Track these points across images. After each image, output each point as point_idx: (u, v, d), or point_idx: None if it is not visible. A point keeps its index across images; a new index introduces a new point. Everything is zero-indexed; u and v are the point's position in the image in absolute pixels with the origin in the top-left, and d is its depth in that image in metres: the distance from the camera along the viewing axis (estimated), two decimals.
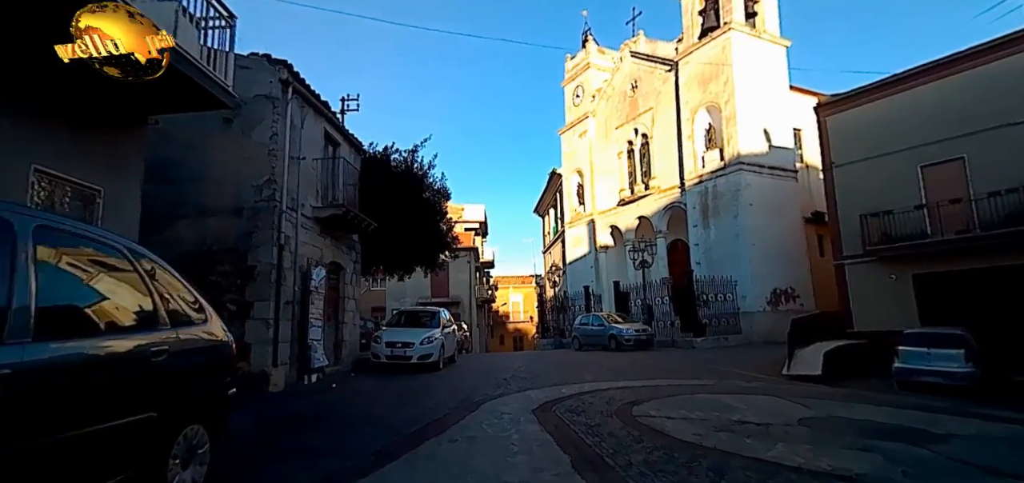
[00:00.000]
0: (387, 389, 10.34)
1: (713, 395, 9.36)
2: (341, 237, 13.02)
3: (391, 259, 17.42)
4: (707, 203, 23.06)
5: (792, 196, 22.84)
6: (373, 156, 15.77)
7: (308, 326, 10.75)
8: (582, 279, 29.29)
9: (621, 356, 17.18)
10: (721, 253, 22.14)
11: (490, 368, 14.09)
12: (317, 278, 11.11)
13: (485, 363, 16.37)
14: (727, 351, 18.53)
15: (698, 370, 13.31)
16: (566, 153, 33.48)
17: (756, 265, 21.18)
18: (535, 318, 51.53)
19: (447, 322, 15.05)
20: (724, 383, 11.15)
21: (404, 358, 12.56)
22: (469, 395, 9.15)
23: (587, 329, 21.66)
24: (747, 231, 21.42)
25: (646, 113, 27.28)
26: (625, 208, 28.30)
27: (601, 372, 12.61)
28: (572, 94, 33.57)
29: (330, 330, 12.76)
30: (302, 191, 10.96)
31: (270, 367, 9.49)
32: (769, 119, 22.76)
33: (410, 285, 35.66)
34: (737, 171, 21.76)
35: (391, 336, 12.92)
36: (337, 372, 12.31)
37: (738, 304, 20.87)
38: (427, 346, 12.77)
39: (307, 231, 11.25)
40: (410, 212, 16.05)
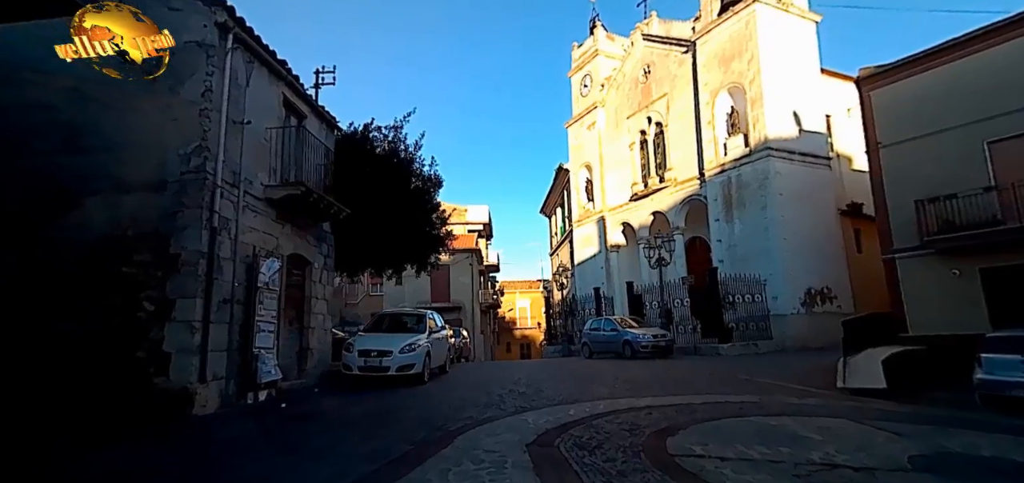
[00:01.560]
0: (348, 410, 8.23)
1: (767, 418, 7.16)
2: (306, 226, 10.96)
3: (376, 257, 15.35)
4: (730, 194, 20.81)
5: (826, 185, 20.55)
6: (351, 135, 13.73)
7: (254, 331, 8.67)
8: (592, 281, 27.11)
9: (638, 365, 14.95)
10: (747, 249, 19.87)
11: (485, 380, 11.97)
12: (268, 272, 9.04)
13: (482, 374, 14.23)
14: (759, 359, 16.24)
15: (732, 382, 11.10)
16: (573, 147, 31.36)
17: (788, 262, 18.89)
18: (543, 324, 49.18)
19: (437, 326, 12.95)
20: (772, 400, 8.92)
21: (380, 370, 10.45)
22: (448, 420, 7.03)
23: (598, 335, 19.46)
24: (777, 224, 19.15)
25: (660, 100, 25.12)
26: (638, 203, 26.11)
27: (617, 386, 10.45)
28: (579, 84, 31.49)
29: (293, 336, 10.69)
30: (248, 164, 8.91)
31: (195, 383, 7.41)
32: (799, 101, 20.52)
33: (408, 289, 33.66)
34: (765, 158, 19.52)
35: (365, 343, 10.82)
36: (299, 387, 10.22)
37: (768, 306, 18.58)
38: (408, 355, 10.66)
39: (256, 214, 9.20)
40: (396, 202, 14.00)
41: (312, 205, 10.08)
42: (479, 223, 42.90)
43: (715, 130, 21.66)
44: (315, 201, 10.00)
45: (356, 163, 13.21)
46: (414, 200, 15.05)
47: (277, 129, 9.87)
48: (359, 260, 15.04)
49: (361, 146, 13.51)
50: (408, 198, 14.67)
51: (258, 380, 8.59)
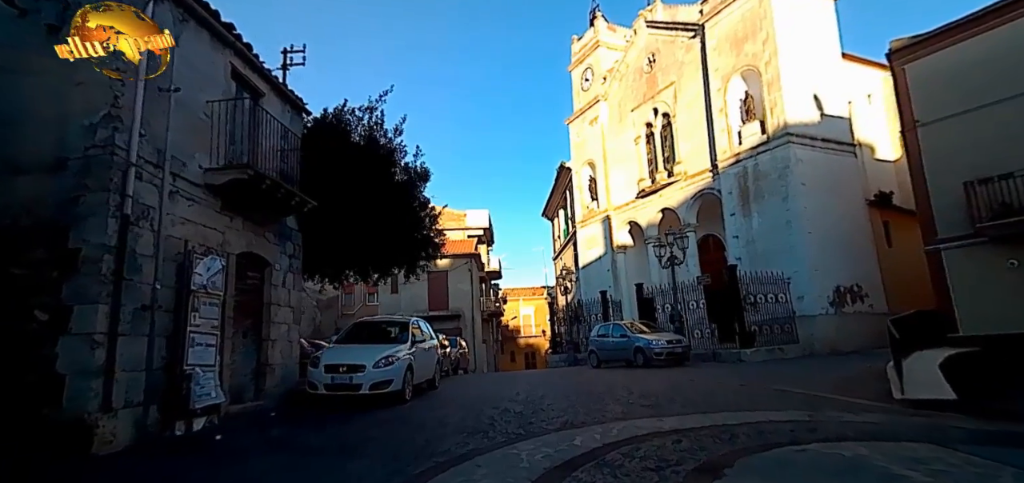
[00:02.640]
0: (297, 442, 6.59)
1: (834, 446, 5.49)
2: (265, 221, 9.37)
3: (358, 259, 13.74)
4: (747, 186, 19.15)
5: (852, 174, 18.88)
6: (323, 121, 12.17)
7: (186, 345, 7.06)
8: (598, 284, 25.43)
9: (652, 375, 13.25)
10: (768, 245, 18.18)
11: (479, 397, 10.31)
12: (207, 273, 7.44)
13: (476, 389, 12.57)
14: (787, 366, 14.51)
15: (767, 395, 9.41)
16: (575, 144, 29.78)
17: (814, 258, 17.19)
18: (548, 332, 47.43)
19: (423, 335, 11.31)
20: (825, 418, 7.23)
21: (350, 388, 8.81)
22: (419, 455, 5.40)
23: (607, 341, 17.78)
24: (800, 216, 17.46)
25: (667, 89, 23.53)
26: (645, 200, 24.46)
27: (632, 401, 8.78)
28: (580, 79, 29.96)
29: (247, 350, 9.06)
30: (181, 142, 7.33)
31: (96, 413, 5.79)
32: (819, 83, 18.89)
33: (405, 297, 32.11)
34: (784, 144, 17.87)
35: (333, 357, 9.19)
36: (253, 411, 8.60)
37: (793, 306, 16.86)
38: (384, 370, 9.01)
39: (193, 203, 7.61)
40: (377, 197, 12.44)
41: (267, 195, 8.48)
42: (479, 228, 41.32)
43: (728, 118, 20.04)
44: (270, 189, 8.40)
45: (330, 152, 11.67)
46: (398, 195, 13.48)
47: (223, 102, 8.28)
48: (338, 263, 13.42)
49: (335, 134, 11.96)
50: (391, 192, 13.10)
51: (191, 405, 6.96)
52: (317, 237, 11.98)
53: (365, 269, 14.72)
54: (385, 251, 13.83)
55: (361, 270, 14.77)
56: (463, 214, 41.58)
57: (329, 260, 13.29)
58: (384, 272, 15.14)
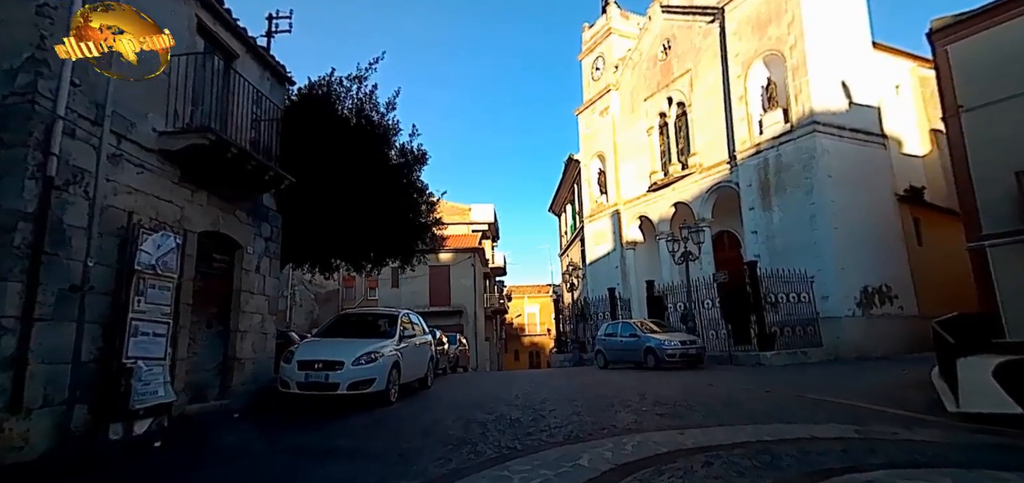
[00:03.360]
0: (250, 452, 5.57)
1: (909, 477, 4.40)
2: (236, 197, 8.36)
3: (349, 246, 12.72)
4: (768, 179, 17.94)
5: (882, 166, 17.63)
6: (310, 94, 11.13)
7: (128, 334, 6.05)
8: (605, 281, 24.29)
9: (665, 378, 12.12)
10: (790, 241, 16.98)
11: (474, 399, 9.27)
12: (157, 251, 6.42)
13: (473, 389, 11.52)
14: (812, 371, 13.35)
15: (799, 403, 8.29)
16: (584, 135, 28.63)
17: (840, 256, 15.97)
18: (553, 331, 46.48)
19: (414, 329, 10.28)
20: (877, 435, 6.11)
21: (325, 387, 7.78)
22: (386, 477, 4.36)
23: (615, 341, 16.66)
24: (826, 211, 16.24)
25: (682, 77, 22.33)
26: (657, 194, 23.28)
27: (645, 408, 7.68)
28: (591, 68, 28.80)
29: (212, 343, 8.06)
30: (128, 98, 6.31)
31: (1, 413, 4.79)
32: (848, 69, 17.65)
33: (406, 292, 31.12)
34: (810, 134, 16.65)
35: (308, 352, 8.16)
36: (215, 411, 7.60)
37: (816, 307, 15.66)
38: (365, 367, 7.97)
39: (143, 171, 6.60)
40: (369, 179, 11.41)
41: (234, 166, 7.46)
42: (483, 223, 40.30)
43: (748, 106, 18.83)
44: (237, 160, 7.38)
45: (318, 128, 10.63)
46: (392, 177, 12.45)
47: (185, 59, 7.25)
48: (326, 250, 12.39)
49: (323, 106, 10.90)
50: (384, 174, 12.07)
51: (131, 405, 5.94)
52: (302, 221, 10.96)
53: (357, 258, 13.71)
54: (378, 238, 12.80)
55: (352, 259, 13.76)
56: (468, 208, 40.59)
57: (317, 247, 12.27)
58: (378, 262, 14.10)
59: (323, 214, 11.09)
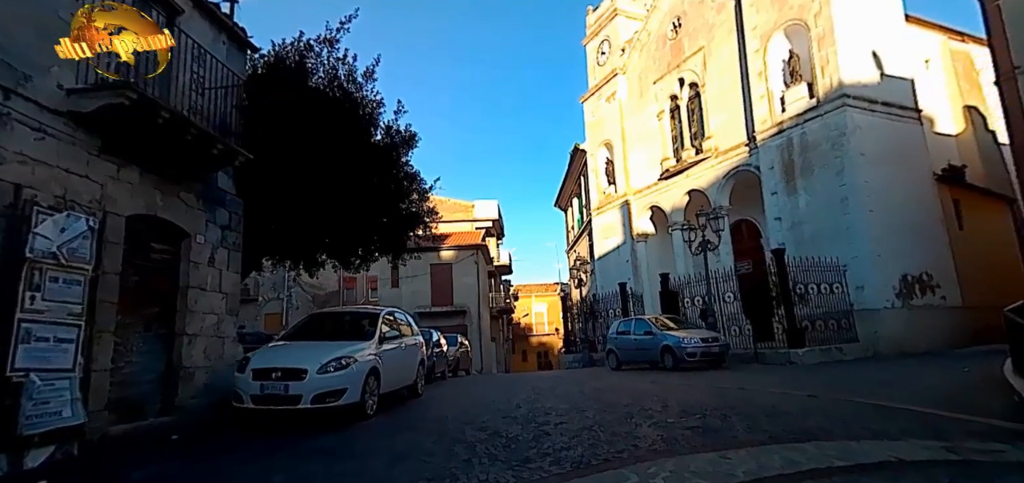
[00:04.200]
0: None
1: None
2: (183, 177, 7.07)
3: (329, 238, 11.45)
4: (792, 159, 16.46)
5: (918, 144, 16.09)
6: (278, 61, 9.80)
7: (15, 339, 4.76)
8: (615, 276, 22.87)
9: (688, 381, 10.70)
10: (818, 227, 15.49)
11: (469, 410, 7.94)
12: (60, 237, 5.12)
13: (470, 396, 10.18)
14: (852, 370, 11.89)
15: (855, 411, 6.86)
16: (590, 124, 27.22)
17: (876, 241, 14.47)
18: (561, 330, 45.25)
19: (399, 330, 8.93)
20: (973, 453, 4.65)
21: (284, 400, 6.45)
22: None
23: (628, 339, 15.27)
24: (859, 192, 14.74)
25: (695, 56, 20.87)
26: (670, 181, 21.83)
27: (671, 419, 6.30)
28: (596, 52, 27.38)
29: (151, 349, 6.77)
30: (20, 44, 5.03)
31: None
32: (878, 38, 16.14)
33: (406, 291, 29.82)
34: (839, 108, 15.15)
35: (264, 359, 6.83)
36: (150, 430, 6.29)
37: (850, 298, 14.18)
38: (334, 376, 6.64)
39: (43, 136, 5.31)
40: (351, 162, 10.14)
41: (169, 135, 6.15)
42: (487, 219, 38.96)
43: (768, 82, 17.35)
44: (172, 127, 6.07)
45: (290, 102, 9.33)
46: (378, 160, 11.16)
47: None
48: (306, 242, 11.09)
49: (295, 77, 9.58)
50: (369, 156, 10.79)
51: (19, 431, 4.65)
52: (277, 209, 9.69)
53: (343, 252, 12.43)
54: (363, 229, 11.52)
55: (338, 253, 12.47)
56: (471, 204, 39.28)
57: (296, 239, 10.98)
58: (366, 256, 12.82)
59: (300, 202, 9.81)
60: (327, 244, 11.84)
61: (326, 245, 11.89)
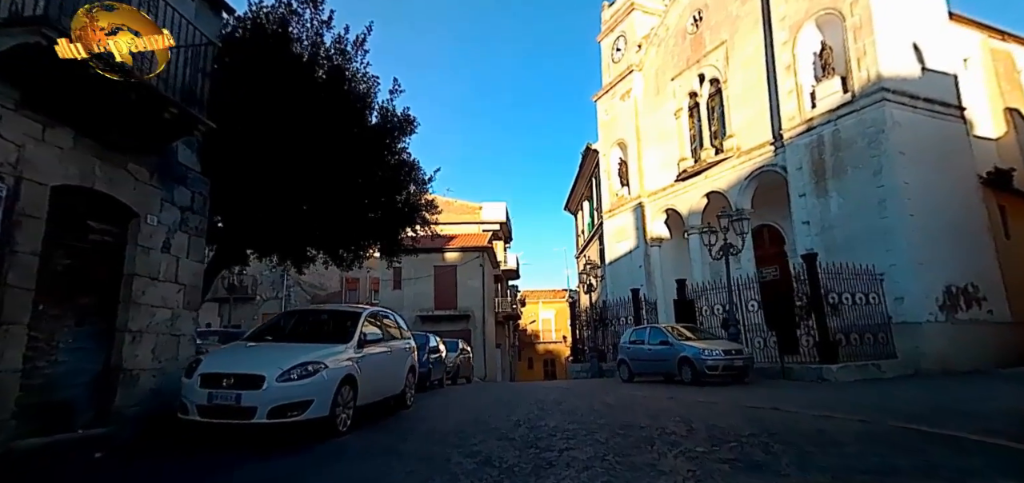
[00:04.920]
0: None
1: None
2: (130, 146, 6.06)
3: (317, 230, 10.45)
4: (823, 159, 15.22)
5: (961, 144, 14.80)
6: (256, 28, 8.79)
7: None
8: (627, 282, 21.69)
9: (711, 398, 9.47)
10: (851, 231, 14.23)
11: (457, 428, 6.81)
12: None
13: (464, 410, 9.04)
14: (895, 389, 10.63)
15: (917, 442, 5.62)
16: (603, 123, 26.09)
17: (917, 248, 13.19)
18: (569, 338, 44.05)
19: (383, 332, 7.83)
20: None
21: (236, 413, 5.38)
22: None
23: (642, 349, 14.10)
24: (898, 195, 13.47)
25: (716, 50, 19.71)
26: (687, 183, 20.64)
27: (701, 447, 5.16)
28: (610, 49, 26.29)
29: (85, 347, 5.73)
30: None
31: None
32: (919, 29, 14.91)
33: (408, 294, 28.81)
34: (877, 103, 13.91)
35: (216, 363, 5.76)
36: (77, 446, 5.25)
37: (888, 310, 12.91)
38: (297, 385, 5.56)
39: None
40: (341, 145, 9.15)
41: (104, 87, 5.13)
42: (495, 222, 37.94)
43: (797, 76, 16.14)
44: (109, 78, 5.05)
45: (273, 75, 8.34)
46: (373, 145, 10.16)
47: None
48: (287, 234, 10.08)
49: (279, 48, 8.57)
50: (363, 141, 9.79)
51: None
52: (257, 195, 8.69)
53: (333, 245, 11.42)
54: (352, 220, 10.48)
55: (328, 247, 11.48)
56: (478, 207, 38.30)
57: (280, 230, 9.98)
58: (356, 250, 11.82)
59: (283, 187, 8.83)
60: (317, 237, 10.85)
61: (315, 238, 10.90)
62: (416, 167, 11.62)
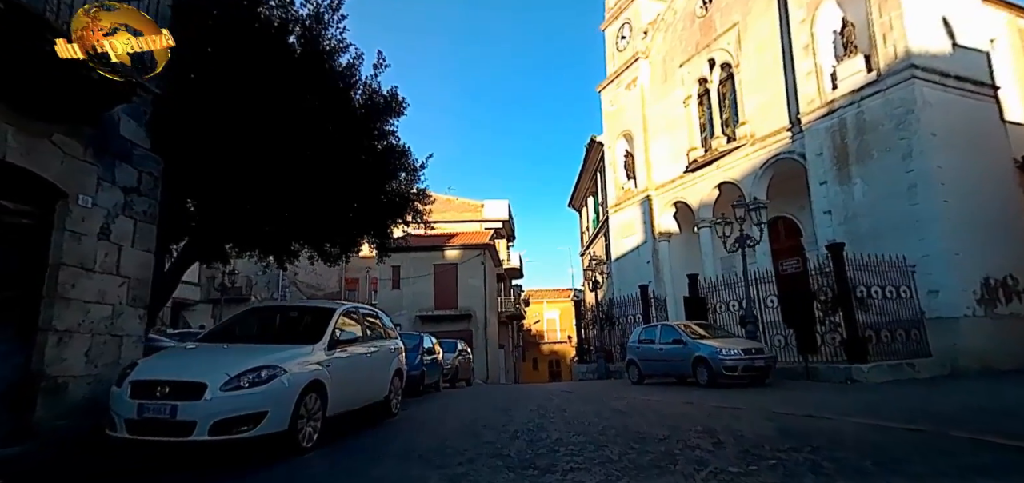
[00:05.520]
0: None
1: None
2: (55, 114, 5.14)
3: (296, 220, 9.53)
4: (845, 143, 14.20)
5: (994, 126, 13.77)
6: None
7: None
8: (634, 278, 20.70)
9: (732, 402, 8.44)
10: (879, 220, 13.21)
11: (443, 442, 5.87)
12: None
13: (456, 419, 8.08)
14: (936, 392, 9.62)
15: (985, 455, 4.65)
16: (608, 113, 25.11)
17: (953, 237, 12.17)
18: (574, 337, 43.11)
19: (360, 332, 6.90)
20: None
21: (170, 429, 4.45)
22: None
23: (652, 349, 13.12)
24: (930, 179, 12.45)
25: (728, 32, 18.70)
26: (697, 174, 19.64)
27: (734, 466, 4.14)
28: (615, 37, 25.31)
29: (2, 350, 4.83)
30: None
31: None
32: (948, 2, 13.88)
33: (408, 293, 27.91)
34: (906, 82, 12.88)
35: (150, 370, 4.84)
36: None
37: (920, 304, 11.89)
38: (247, 395, 4.63)
39: None
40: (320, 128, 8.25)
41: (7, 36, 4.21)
42: (497, 220, 37.01)
43: (816, 56, 15.12)
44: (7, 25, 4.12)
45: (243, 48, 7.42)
46: (354, 126, 9.23)
47: None
48: (262, 225, 9.14)
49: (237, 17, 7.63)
50: (341, 120, 8.87)
51: None
52: (232, 183, 7.77)
53: (315, 236, 10.49)
54: (335, 211, 9.54)
55: (310, 238, 10.55)
56: (480, 204, 37.38)
57: (254, 221, 9.05)
58: (345, 243, 10.89)
59: (259, 173, 7.90)
60: (298, 230, 9.93)
61: (297, 231, 9.97)
62: (407, 153, 10.68)
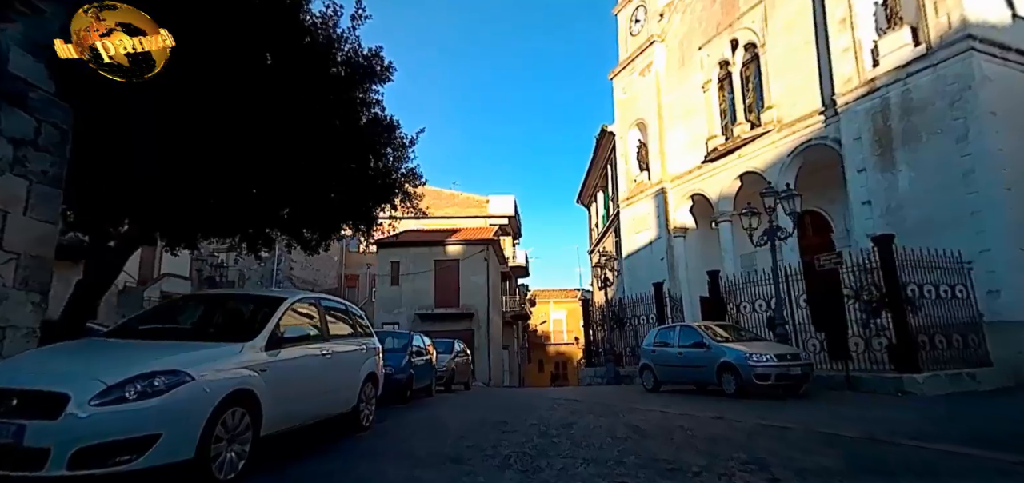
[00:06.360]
0: None
1: None
2: None
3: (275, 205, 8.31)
4: (888, 126, 12.71)
5: None
6: None
7: None
8: (647, 276, 19.28)
9: (770, 418, 6.99)
10: (929, 211, 11.72)
11: (415, 472, 4.53)
12: None
13: (441, 434, 6.72)
14: (1006, 407, 8.18)
15: None
16: (620, 102, 23.67)
17: (1015, 230, 10.67)
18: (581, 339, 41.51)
19: (318, 329, 5.57)
20: None
21: (16, 458, 3.13)
22: None
23: (670, 353, 11.71)
24: (989, 164, 10.96)
25: (753, 10, 17.22)
26: (716, 164, 18.18)
27: None
28: (629, 21, 23.87)
29: None
30: None
31: None
32: None
33: (407, 290, 26.60)
34: (963, 55, 11.37)
35: (3, 375, 3.56)
36: None
37: (978, 306, 10.42)
38: (132, 409, 3.29)
39: None
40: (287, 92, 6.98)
41: None
42: (503, 216, 35.67)
43: (855, 30, 13.63)
44: None
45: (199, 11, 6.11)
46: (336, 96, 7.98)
47: None
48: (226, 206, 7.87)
49: None
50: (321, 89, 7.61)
51: None
52: (182, 152, 6.50)
53: (296, 224, 9.25)
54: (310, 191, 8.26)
55: (289, 227, 9.31)
56: (485, 199, 36.08)
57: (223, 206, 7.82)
58: (327, 228, 9.62)
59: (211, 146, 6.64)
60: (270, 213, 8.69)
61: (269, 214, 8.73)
62: (394, 127, 9.37)
